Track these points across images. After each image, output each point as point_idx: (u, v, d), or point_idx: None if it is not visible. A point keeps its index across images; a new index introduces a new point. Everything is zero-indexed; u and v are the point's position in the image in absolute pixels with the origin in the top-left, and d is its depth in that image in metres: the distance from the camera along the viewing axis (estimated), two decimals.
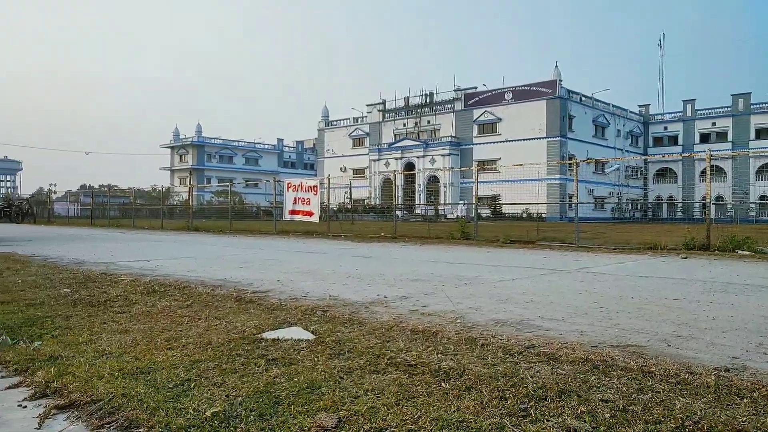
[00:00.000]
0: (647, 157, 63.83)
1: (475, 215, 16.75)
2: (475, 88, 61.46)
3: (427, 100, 63.93)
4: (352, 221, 30.10)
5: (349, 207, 39.57)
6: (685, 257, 9.63)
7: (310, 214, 18.59)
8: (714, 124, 61.97)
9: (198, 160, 78.37)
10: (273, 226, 19.94)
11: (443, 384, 2.40)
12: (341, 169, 69.14)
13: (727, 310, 4.29)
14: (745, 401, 2.21)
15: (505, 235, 14.49)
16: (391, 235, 16.41)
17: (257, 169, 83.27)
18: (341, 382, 2.41)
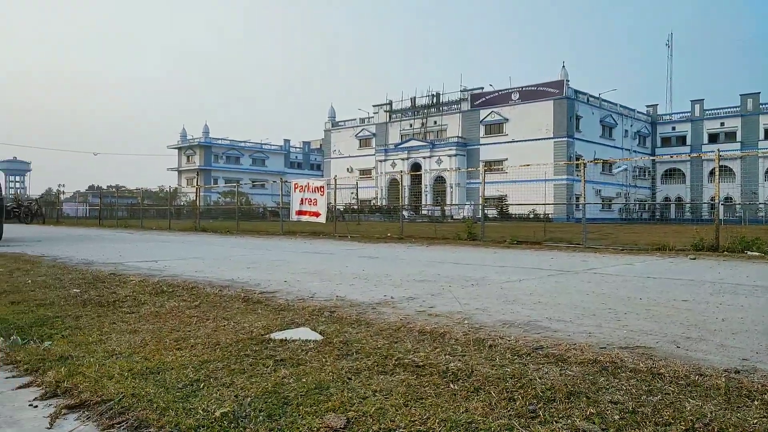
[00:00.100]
0: (655, 157, 63.53)
1: (482, 216, 16.69)
2: (482, 88, 61.35)
3: (434, 101, 63.88)
4: (358, 222, 30.10)
5: (356, 208, 39.55)
6: (694, 258, 9.57)
7: (317, 215, 18.63)
8: (723, 124, 61.56)
9: (205, 161, 78.69)
10: (280, 227, 19.99)
11: (451, 385, 2.40)
12: (348, 169, 69.21)
13: (737, 312, 4.27)
14: (755, 403, 2.19)
15: (512, 235, 14.46)
16: (397, 235, 16.40)
17: (264, 169, 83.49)
18: (349, 383, 2.41)
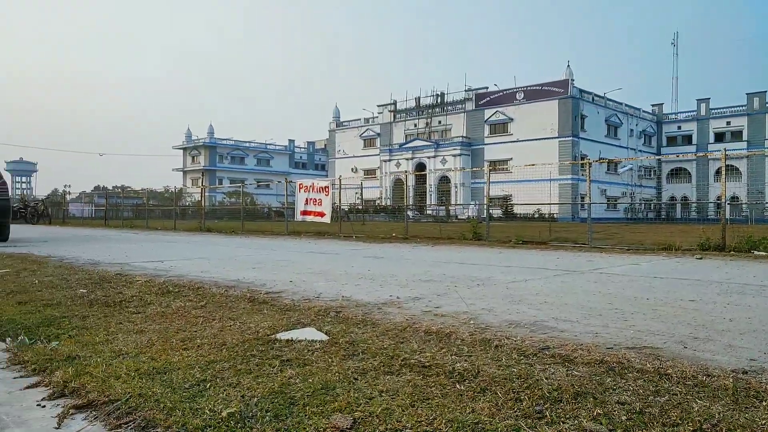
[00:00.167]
0: (661, 156, 63.24)
1: (487, 216, 16.66)
2: (486, 88, 61.28)
3: (438, 101, 63.82)
4: (363, 222, 30.11)
5: (360, 208, 39.58)
6: (700, 258, 9.53)
7: (322, 215, 18.65)
8: (729, 123, 61.27)
9: (210, 161, 78.90)
10: (285, 227, 20.02)
11: (458, 385, 2.39)
12: (352, 169, 69.23)
13: (744, 312, 4.24)
14: (764, 404, 2.18)
15: (517, 235, 14.43)
16: (402, 235, 16.40)
17: (268, 169, 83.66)
18: (355, 383, 2.41)
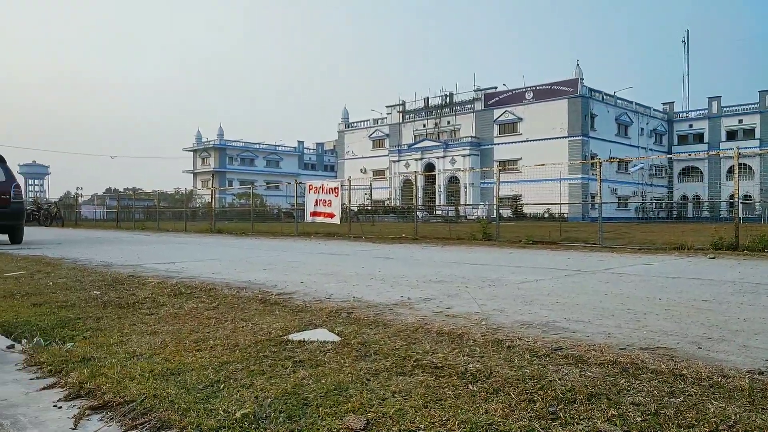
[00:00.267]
0: (672, 155, 62.75)
1: (497, 216, 16.62)
2: (495, 87, 61.12)
3: (447, 101, 63.76)
4: (372, 222, 30.14)
5: (370, 208, 39.60)
6: (713, 257, 9.44)
7: (332, 216, 18.69)
8: (741, 121, 60.69)
9: (220, 163, 79.34)
10: (294, 228, 20.08)
11: (470, 386, 2.39)
12: (361, 170, 69.31)
13: (759, 312, 4.20)
14: None
15: (527, 235, 14.38)
16: (412, 236, 16.39)
17: (278, 171, 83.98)
18: (368, 384, 2.42)
